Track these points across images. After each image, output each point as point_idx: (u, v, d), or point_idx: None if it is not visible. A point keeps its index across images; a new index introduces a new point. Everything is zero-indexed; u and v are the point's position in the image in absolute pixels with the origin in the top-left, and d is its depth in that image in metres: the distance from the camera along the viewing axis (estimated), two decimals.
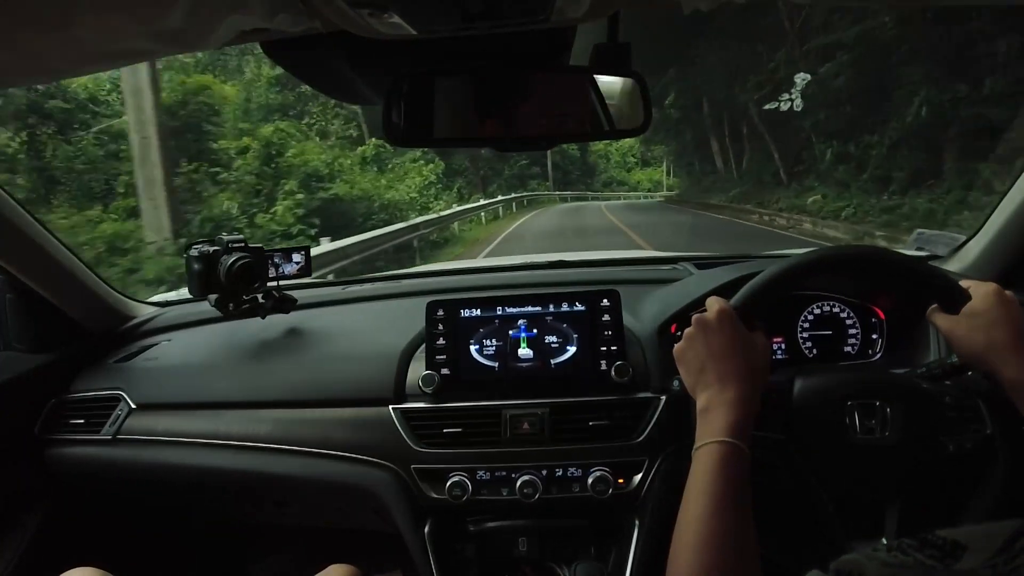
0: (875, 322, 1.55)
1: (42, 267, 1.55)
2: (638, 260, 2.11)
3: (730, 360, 0.99)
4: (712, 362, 0.99)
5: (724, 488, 0.87)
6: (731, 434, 0.91)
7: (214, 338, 1.75)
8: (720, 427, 0.92)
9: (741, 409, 0.94)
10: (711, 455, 0.90)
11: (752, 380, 0.98)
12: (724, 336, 1.00)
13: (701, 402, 0.98)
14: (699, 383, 1.00)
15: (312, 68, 1.08)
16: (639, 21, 1.13)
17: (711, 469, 0.89)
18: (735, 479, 0.88)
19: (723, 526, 0.84)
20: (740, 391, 0.96)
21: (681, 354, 1.05)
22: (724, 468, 0.89)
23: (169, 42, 0.77)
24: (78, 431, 1.59)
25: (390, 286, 1.97)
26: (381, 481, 1.37)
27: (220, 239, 1.59)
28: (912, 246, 1.93)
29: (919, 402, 1.05)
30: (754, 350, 1.01)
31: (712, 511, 0.85)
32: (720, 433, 0.92)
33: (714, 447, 0.91)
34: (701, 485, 0.89)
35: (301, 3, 0.71)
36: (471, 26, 0.81)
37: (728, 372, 0.98)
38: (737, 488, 0.88)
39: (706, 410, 0.96)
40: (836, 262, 1.18)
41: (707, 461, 0.90)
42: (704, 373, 1.00)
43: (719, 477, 0.88)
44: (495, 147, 1.15)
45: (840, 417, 1.05)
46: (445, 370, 1.39)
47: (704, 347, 1.01)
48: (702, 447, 0.92)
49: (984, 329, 0.97)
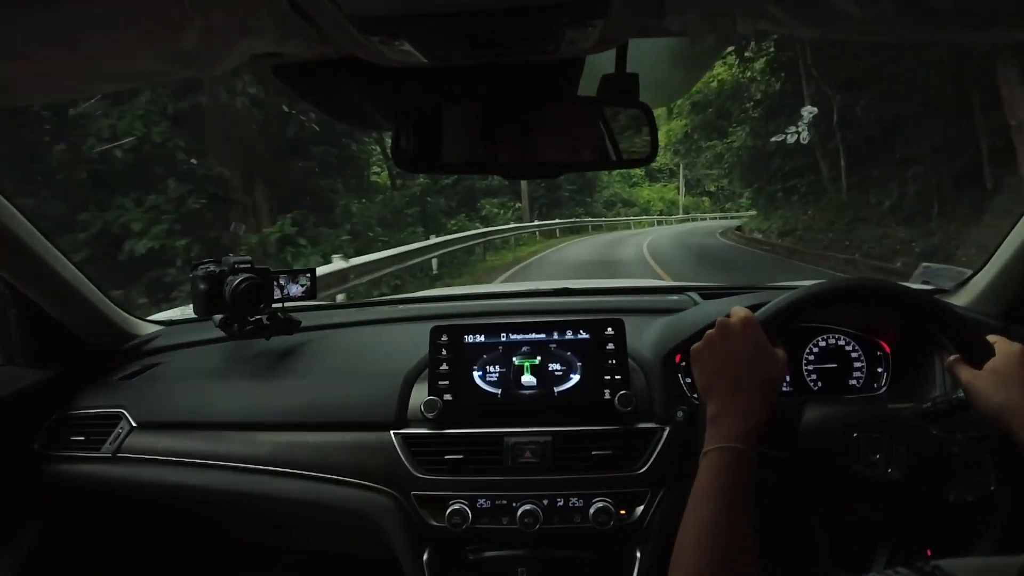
0: (880, 355, 1.54)
1: (47, 282, 1.55)
2: (643, 289, 2.10)
3: (747, 367, 0.98)
4: (729, 367, 0.99)
5: (731, 493, 0.87)
6: (740, 440, 0.91)
7: (217, 358, 1.75)
8: (730, 433, 0.92)
9: (751, 417, 0.94)
10: (719, 460, 0.90)
11: (766, 391, 0.98)
12: (746, 343, 1.00)
13: (713, 407, 0.97)
14: (713, 386, 1.00)
15: (322, 93, 1.09)
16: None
17: (719, 474, 0.89)
18: (741, 485, 0.88)
19: (728, 530, 0.84)
20: (753, 400, 0.96)
21: (698, 355, 1.04)
22: (731, 474, 0.89)
23: (181, 64, 0.78)
24: (78, 448, 1.59)
25: (394, 310, 1.97)
26: (381, 507, 1.36)
27: (226, 259, 1.60)
28: (918, 279, 1.92)
29: (927, 445, 1.03)
30: (772, 363, 1.01)
31: (718, 516, 0.85)
32: (730, 439, 0.91)
33: (723, 452, 0.91)
34: (708, 489, 0.89)
35: (313, 28, 0.72)
36: (480, 54, 0.82)
37: (744, 379, 0.97)
38: (743, 494, 0.88)
39: (717, 416, 0.96)
40: (867, 293, 1.18)
41: (715, 466, 0.90)
42: (719, 377, 0.99)
43: (726, 482, 0.88)
44: (502, 174, 1.15)
45: (845, 446, 1.03)
46: (448, 396, 1.39)
47: (724, 351, 1.00)
48: (711, 451, 0.92)
49: (1004, 388, 0.96)
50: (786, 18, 0.69)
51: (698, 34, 0.75)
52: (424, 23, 0.70)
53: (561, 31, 0.74)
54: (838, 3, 0.66)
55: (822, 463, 1.04)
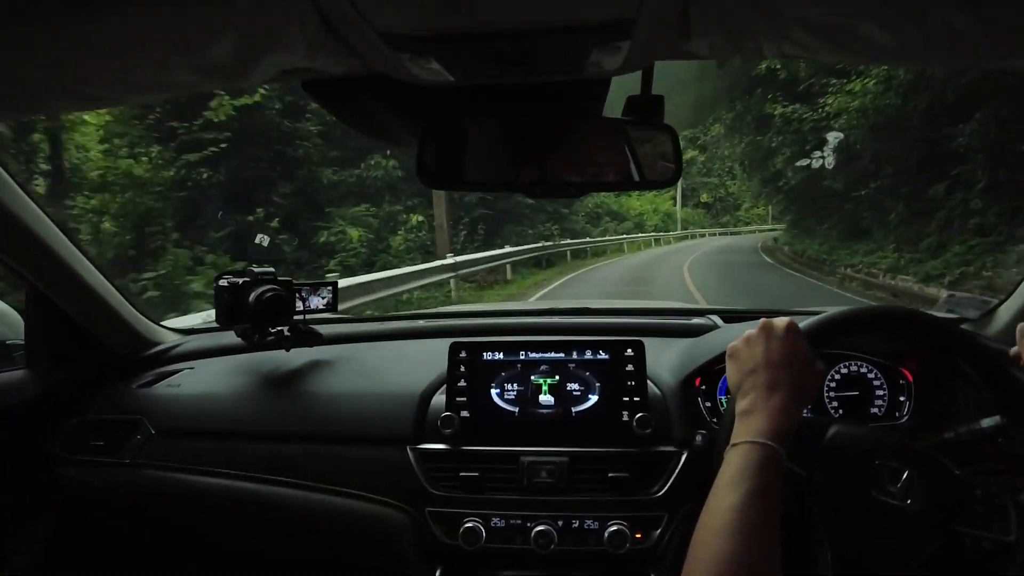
0: (903, 384, 1.52)
1: (72, 288, 1.58)
2: (664, 311, 2.09)
3: (785, 370, 0.97)
4: (767, 366, 0.98)
5: (757, 483, 0.85)
6: (772, 438, 0.90)
7: (237, 368, 1.76)
8: (760, 429, 0.91)
9: (784, 418, 0.93)
10: (747, 453, 0.89)
11: (799, 396, 0.96)
12: (786, 346, 0.99)
13: (744, 403, 0.96)
14: (747, 383, 0.98)
15: (350, 108, 1.10)
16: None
17: (746, 465, 0.88)
18: (769, 478, 0.86)
19: (753, 518, 0.82)
20: (786, 402, 0.94)
21: (736, 352, 1.03)
22: (759, 467, 0.87)
23: (212, 76, 0.80)
24: (97, 453, 1.61)
25: (413, 325, 1.98)
26: (394, 522, 1.36)
27: (250, 270, 1.61)
28: (943, 308, 1.89)
29: (949, 483, 1.01)
30: (810, 371, 1.00)
31: (745, 503, 0.83)
32: (760, 435, 0.90)
33: (752, 447, 0.89)
34: (734, 478, 0.87)
35: (342, 44, 0.73)
36: (507, 74, 0.83)
37: (780, 380, 0.96)
38: (770, 487, 0.86)
39: (748, 412, 0.95)
40: (904, 320, 1.16)
41: (743, 458, 0.89)
42: (755, 374, 0.98)
43: (753, 473, 0.86)
44: (525, 192, 1.16)
45: (865, 472, 1.02)
46: (465, 413, 1.38)
47: (763, 350, 0.99)
48: (740, 444, 0.91)
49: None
50: (812, 42, 0.70)
51: (724, 57, 0.75)
52: (452, 42, 0.71)
53: (587, 53, 0.75)
54: (864, 28, 0.66)
55: (841, 485, 1.02)
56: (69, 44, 0.71)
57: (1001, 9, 0.62)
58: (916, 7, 0.63)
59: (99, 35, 0.70)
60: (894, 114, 12.98)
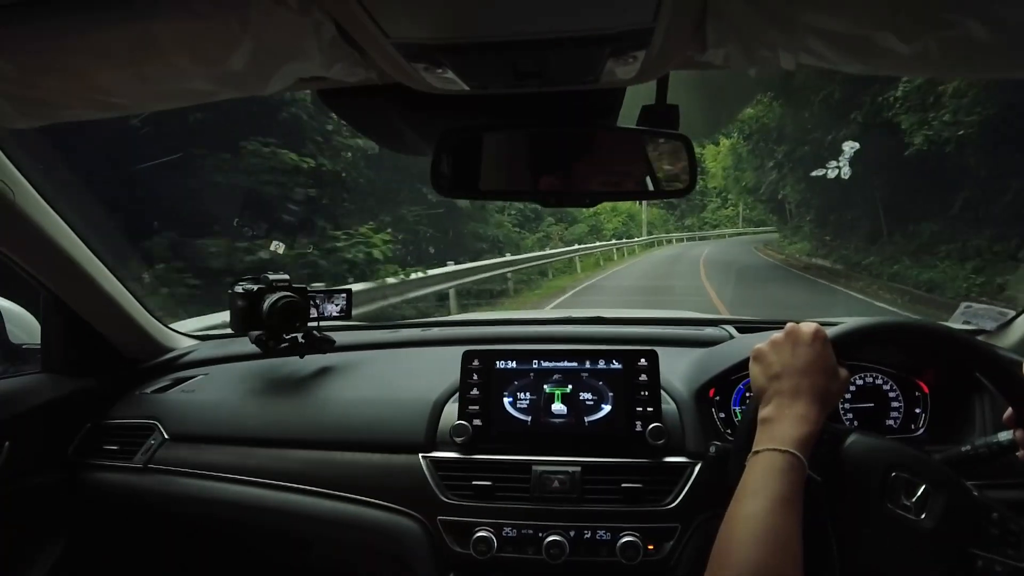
0: (919, 396, 1.50)
1: (90, 294, 1.60)
2: (678, 320, 2.08)
3: (810, 377, 0.96)
4: (790, 372, 0.97)
5: (780, 491, 0.85)
6: (795, 446, 0.89)
7: (251, 375, 1.77)
8: (785, 437, 0.90)
9: (807, 426, 0.92)
10: (770, 461, 0.88)
11: (823, 404, 0.95)
12: (812, 352, 0.98)
13: (768, 410, 0.96)
14: (771, 389, 0.98)
15: (365, 117, 1.11)
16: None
17: (768, 473, 0.87)
18: (792, 486, 0.86)
19: (776, 526, 0.81)
20: (811, 409, 0.93)
21: (761, 355, 1.02)
22: (782, 474, 0.86)
23: (230, 85, 0.81)
24: (111, 457, 1.62)
25: (427, 333, 1.98)
26: (406, 530, 1.36)
27: (265, 277, 1.62)
28: (959, 319, 1.87)
29: (965, 502, 1.00)
30: (835, 378, 0.99)
31: (768, 509, 0.83)
32: (783, 443, 0.89)
33: (774, 455, 0.88)
34: (757, 485, 0.86)
35: (358, 54, 0.74)
36: (522, 84, 0.83)
37: (804, 387, 0.95)
38: (794, 496, 0.85)
39: (771, 419, 0.94)
40: (928, 335, 1.15)
41: (765, 466, 0.88)
42: (779, 380, 0.97)
43: (776, 481, 0.86)
44: (540, 201, 1.16)
45: (882, 483, 1.00)
46: (477, 421, 1.38)
47: (789, 356, 0.99)
48: (762, 452, 0.90)
49: None
50: (828, 53, 0.69)
51: (739, 67, 0.75)
52: (468, 52, 0.71)
53: (603, 63, 0.75)
54: (881, 39, 0.65)
55: (856, 495, 1.01)
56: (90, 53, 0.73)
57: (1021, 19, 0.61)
58: (934, 17, 0.62)
59: (119, 45, 0.71)
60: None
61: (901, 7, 0.62)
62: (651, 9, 0.62)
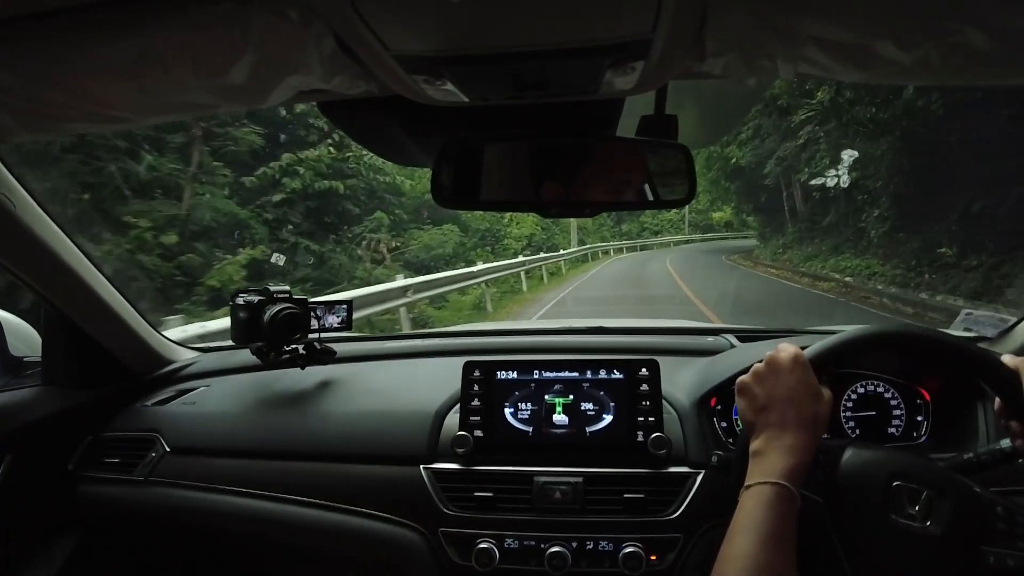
0: (920, 403, 1.50)
1: (90, 307, 1.59)
2: (679, 330, 2.08)
3: (794, 405, 0.96)
4: (776, 403, 0.97)
5: (773, 527, 0.85)
6: (785, 477, 0.89)
7: (252, 386, 1.77)
8: (774, 469, 0.91)
9: (797, 456, 0.92)
10: (762, 495, 0.88)
11: (812, 429, 0.96)
12: (794, 380, 0.98)
13: (757, 443, 0.96)
14: (759, 422, 0.98)
15: (366, 129, 1.12)
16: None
17: (761, 508, 0.87)
18: (784, 520, 0.86)
19: (770, 563, 0.82)
20: (799, 438, 0.94)
21: (745, 388, 1.02)
22: (773, 508, 0.87)
23: (230, 97, 0.81)
24: (112, 470, 1.61)
25: (428, 344, 1.98)
26: (408, 542, 1.35)
27: (266, 289, 1.62)
28: (959, 326, 1.87)
29: (969, 502, 0.99)
30: (819, 402, 0.99)
31: (760, 547, 0.83)
32: (774, 475, 0.90)
33: (766, 488, 0.89)
34: (749, 522, 0.87)
35: (358, 67, 0.74)
36: (522, 95, 0.83)
37: (791, 417, 0.96)
38: (785, 529, 0.86)
39: (762, 451, 0.95)
40: (914, 341, 1.15)
41: (757, 500, 0.88)
42: (766, 413, 0.97)
43: (768, 516, 0.86)
44: (540, 212, 1.16)
45: (884, 495, 1.00)
46: (478, 432, 1.38)
47: (772, 387, 0.99)
48: (753, 486, 0.90)
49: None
50: (828, 62, 0.70)
51: (738, 77, 0.75)
52: (468, 64, 0.71)
53: (602, 73, 0.75)
54: (881, 47, 0.65)
55: (859, 510, 1.00)
56: (91, 66, 0.73)
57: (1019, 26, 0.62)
58: (933, 25, 0.63)
59: (121, 57, 0.71)
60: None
61: (900, 16, 0.62)
62: (650, 20, 0.62)
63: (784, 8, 0.62)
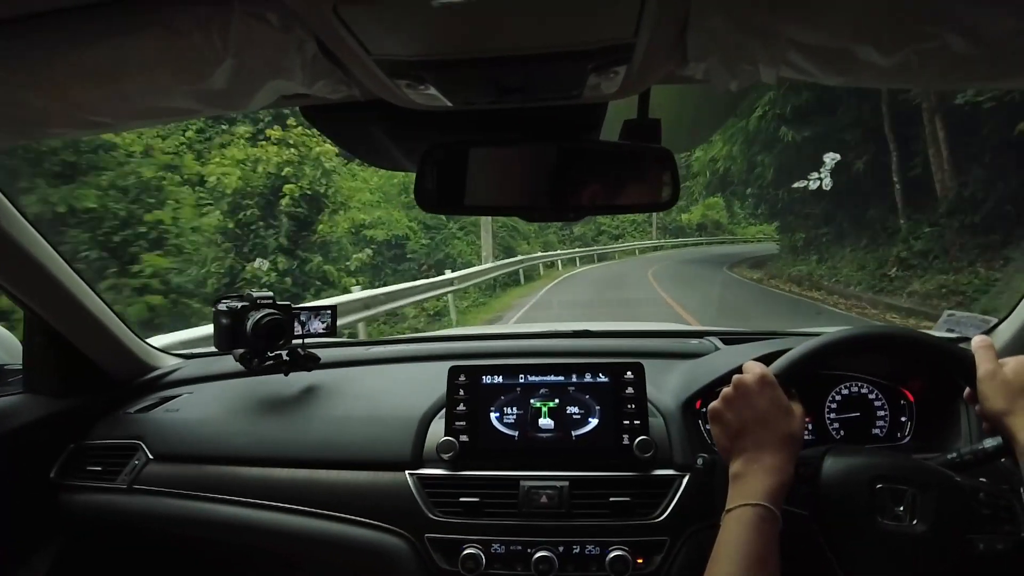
0: (904, 404, 1.51)
1: (71, 313, 1.57)
2: (663, 333, 2.08)
3: (768, 426, 0.98)
4: (750, 426, 0.98)
5: (755, 550, 0.86)
6: (765, 499, 0.90)
7: (235, 393, 1.75)
8: (754, 491, 0.92)
9: (776, 476, 0.93)
10: (743, 517, 0.89)
11: (788, 448, 0.97)
12: (763, 401, 1.00)
13: (736, 466, 0.97)
14: (735, 447, 0.99)
15: (349, 133, 1.11)
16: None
17: (743, 531, 0.88)
18: (766, 543, 0.87)
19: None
20: (776, 458, 0.95)
21: (718, 415, 1.03)
22: (755, 531, 0.88)
23: (211, 102, 0.81)
24: (95, 478, 1.59)
25: (413, 348, 1.97)
26: (393, 548, 1.34)
27: (249, 295, 1.61)
28: (942, 328, 1.89)
29: (952, 494, 1.00)
30: (791, 418, 1.00)
31: (745, 570, 0.84)
32: (754, 497, 0.91)
33: (747, 510, 0.90)
34: (732, 546, 0.88)
35: (341, 71, 0.74)
36: (505, 100, 0.83)
37: (765, 438, 0.97)
38: (768, 552, 0.87)
39: (740, 475, 0.96)
40: (884, 341, 1.16)
41: (739, 523, 0.89)
42: (741, 437, 0.99)
43: (750, 540, 0.87)
44: (523, 216, 1.16)
45: (868, 499, 1.01)
46: (464, 437, 1.37)
47: (743, 410, 1.00)
48: (734, 510, 0.91)
49: (1009, 396, 0.96)
50: (809, 66, 0.70)
51: (720, 81, 0.75)
52: (450, 69, 0.71)
53: (585, 77, 0.75)
54: (861, 52, 0.66)
55: (846, 518, 1.01)
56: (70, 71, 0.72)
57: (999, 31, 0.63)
58: (913, 30, 0.63)
59: (100, 62, 0.70)
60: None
61: (881, 20, 0.63)
62: (632, 24, 0.62)
63: (765, 13, 0.63)
